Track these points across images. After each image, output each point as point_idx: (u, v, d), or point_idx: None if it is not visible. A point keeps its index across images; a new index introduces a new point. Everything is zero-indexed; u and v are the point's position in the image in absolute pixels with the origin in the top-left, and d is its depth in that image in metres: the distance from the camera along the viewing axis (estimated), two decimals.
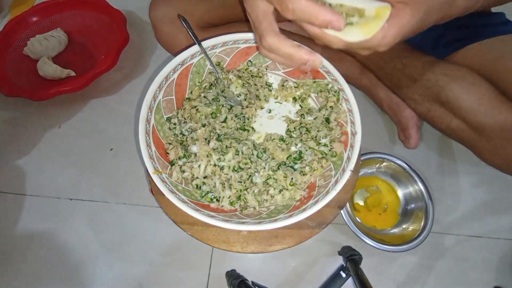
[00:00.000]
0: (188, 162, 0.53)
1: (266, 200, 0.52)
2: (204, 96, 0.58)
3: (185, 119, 0.57)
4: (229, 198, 0.51)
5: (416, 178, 0.65)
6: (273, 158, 0.55)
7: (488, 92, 0.54)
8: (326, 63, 0.56)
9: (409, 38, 0.38)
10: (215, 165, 0.52)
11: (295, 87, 0.61)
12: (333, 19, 0.30)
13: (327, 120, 0.56)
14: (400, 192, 0.67)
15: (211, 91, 0.59)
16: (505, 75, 0.55)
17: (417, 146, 0.70)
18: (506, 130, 0.53)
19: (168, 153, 0.54)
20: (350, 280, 0.57)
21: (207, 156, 0.52)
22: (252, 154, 0.54)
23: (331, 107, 0.57)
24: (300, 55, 0.34)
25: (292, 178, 0.52)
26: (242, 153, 0.53)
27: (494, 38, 0.58)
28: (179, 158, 0.53)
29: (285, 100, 0.62)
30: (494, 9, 0.65)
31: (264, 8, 0.35)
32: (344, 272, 0.58)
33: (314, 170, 0.53)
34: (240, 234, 0.52)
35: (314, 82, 0.60)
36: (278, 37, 0.35)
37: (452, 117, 0.58)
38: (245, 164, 0.53)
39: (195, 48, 0.57)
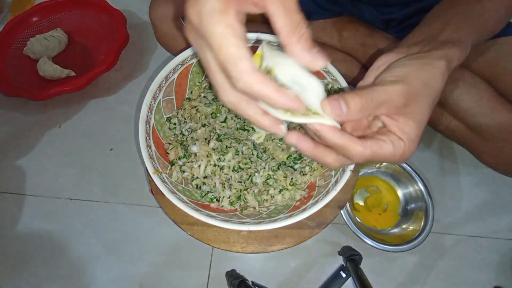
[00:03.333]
0: (188, 162, 0.53)
1: (266, 200, 0.52)
2: (204, 96, 0.58)
3: (185, 119, 0.57)
4: (229, 198, 0.51)
5: (416, 178, 0.65)
6: (273, 158, 0.55)
7: (487, 93, 0.54)
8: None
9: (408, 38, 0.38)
10: (215, 165, 0.52)
11: None
12: (293, 105, 0.25)
13: None
14: (400, 192, 0.67)
15: (211, 91, 0.59)
16: (504, 77, 0.55)
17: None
18: (504, 131, 0.53)
19: (168, 153, 0.54)
20: (350, 280, 0.57)
21: (207, 156, 0.52)
22: (252, 154, 0.54)
23: None
24: (264, 125, 0.28)
25: (292, 178, 0.52)
26: (242, 153, 0.53)
27: (494, 39, 0.58)
28: (179, 158, 0.53)
29: None
30: None
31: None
32: (344, 272, 0.58)
33: (314, 170, 0.53)
34: (240, 234, 0.52)
35: None
36: (238, 99, 0.27)
37: (451, 118, 0.59)
38: (245, 164, 0.53)
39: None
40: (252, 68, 0.24)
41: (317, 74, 0.59)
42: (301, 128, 0.51)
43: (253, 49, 0.65)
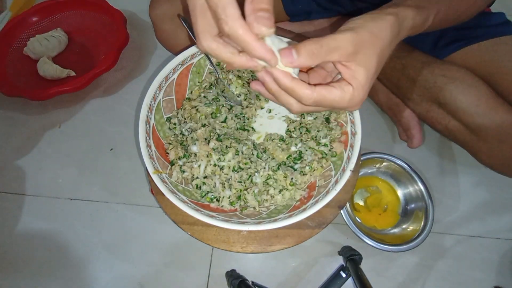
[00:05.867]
0: (188, 162, 0.53)
1: (266, 200, 0.52)
2: (204, 96, 0.58)
3: (185, 119, 0.57)
4: (229, 198, 0.51)
5: (416, 178, 0.65)
6: (273, 158, 0.55)
7: (486, 93, 0.54)
8: None
9: (408, 38, 0.38)
10: (215, 165, 0.52)
11: None
12: (267, 56, 0.29)
13: (327, 120, 0.56)
14: (400, 192, 0.67)
15: (211, 91, 0.59)
16: (503, 77, 0.55)
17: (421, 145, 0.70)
18: (502, 131, 0.53)
19: (168, 153, 0.54)
20: (350, 280, 0.57)
21: (207, 156, 0.52)
22: (252, 154, 0.54)
23: None
24: (241, 63, 0.31)
25: (292, 178, 0.52)
26: (242, 153, 0.53)
27: (494, 39, 0.58)
28: (179, 158, 0.53)
29: None
30: (493, 9, 0.65)
31: (202, 2, 0.30)
32: (344, 272, 0.58)
33: (314, 170, 0.53)
34: (240, 234, 0.52)
35: None
36: (216, 42, 0.31)
37: (450, 118, 0.59)
38: (245, 164, 0.53)
39: (195, 48, 0.57)
40: (239, 15, 0.28)
41: None
42: None
43: None
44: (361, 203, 0.66)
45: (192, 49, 0.57)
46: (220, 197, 0.51)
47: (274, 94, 0.34)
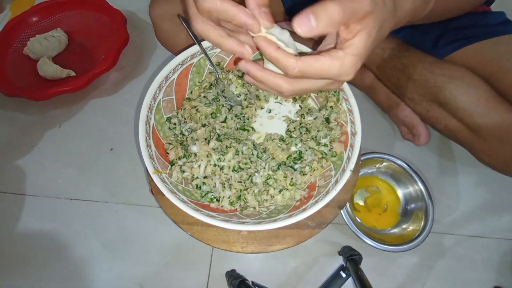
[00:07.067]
0: (188, 162, 0.53)
1: (266, 200, 0.52)
2: (204, 96, 0.58)
3: (185, 119, 0.57)
4: (229, 198, 0.51)
5: (416, 178, 0.65)
6: (273, 158, 0.55)
7: (486, 93, 0.54)
8: None
9: (409, 38, 0.38)
10: (215, 165, 0.52)
11: None
12: (249, 21, 0.30)
13: (327, 120, 0.56)
14: (400, 192, 0.67)
15: (211, 91, 0.59)
16: (503, 76, 0.55)
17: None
18: (502, 131, 0.53)
19: (168, 153, 0.54)
20: (350, 280, 0.57)
21: (207, 156, 0.52)
22: (252, 154, 0.54)
23: (331, 107, 0.57)
24: (229, 46, 0.32)
25: (292, 178, 0.52)
26: (242, 153, 0.53)
27: (494, 38, 0.58)
28: (179, 158, 0.53)
29: (285, 100, 0.62)
30: (493, 8, 0.65)
31: None
32: (344, 272, 0.58)
33: (314, 170, 0.53)
34: (240, 234, 0.52)
35: None
36: (206, 24, 0.33)
37: (450, 118, 0.59)
38: (245, 164, 0.53)
39: (195, 48, 0.57)
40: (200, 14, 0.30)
41: None
42: None
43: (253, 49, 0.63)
44: (361, 203, 0.66)
45: (192, 49, 0.57)
46: (220, 197, 0.51)
47: (261, 81, 0.33)
